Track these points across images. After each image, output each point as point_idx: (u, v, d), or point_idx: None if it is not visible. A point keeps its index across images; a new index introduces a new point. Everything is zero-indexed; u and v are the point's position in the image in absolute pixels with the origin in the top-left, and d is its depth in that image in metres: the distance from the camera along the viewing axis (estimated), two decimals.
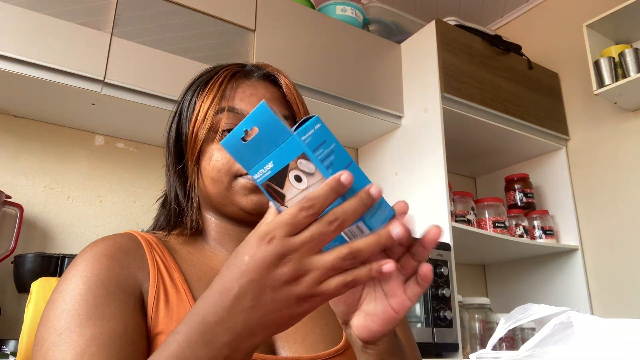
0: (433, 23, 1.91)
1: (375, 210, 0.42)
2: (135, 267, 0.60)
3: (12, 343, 1.21)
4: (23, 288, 1.32)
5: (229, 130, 0.66)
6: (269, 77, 0.73)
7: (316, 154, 0.39)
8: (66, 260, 1.32)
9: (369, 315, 0.48)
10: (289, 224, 0.39)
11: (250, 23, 1.64)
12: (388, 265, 0.40)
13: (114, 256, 0.59)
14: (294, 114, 0.71)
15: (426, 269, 0.44)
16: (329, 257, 0.39)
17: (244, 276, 0.40)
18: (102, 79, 1.35)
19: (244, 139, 0.41)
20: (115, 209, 1.63)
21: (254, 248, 0.40)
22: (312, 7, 1.91)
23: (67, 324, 0.52)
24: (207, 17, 1.57)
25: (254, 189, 0.65)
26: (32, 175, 1.52)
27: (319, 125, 0.40)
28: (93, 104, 1.45)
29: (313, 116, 0.41)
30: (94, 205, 1.60)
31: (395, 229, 0.40)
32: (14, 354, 1.18)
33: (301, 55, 1.73)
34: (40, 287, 0.78)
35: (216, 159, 0.66)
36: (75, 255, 1.33)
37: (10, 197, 1.41)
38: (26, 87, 1.35)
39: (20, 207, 1.41)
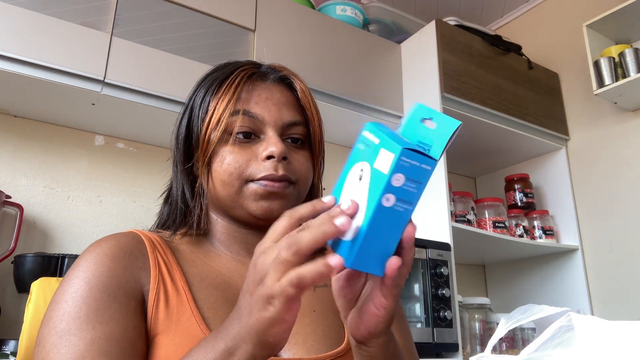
0: (433, 23, 1.91)
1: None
2: (137, 268, 0.60)
3: (12, 343, 1.21)
4: (23, 288, 1.32)
5: (242, 134, 0.65)
6: (285, 81, 0.72)
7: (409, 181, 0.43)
8: (66, 260, 1.32)
9: (359, 312, 0.50)
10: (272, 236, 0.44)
11: (250, 23, 1.64)
12: (334, 258, 0.41)
13: (116, 257, 0.59)
14: (307, 120, 0.70)
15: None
16: (279, 254, 0.41)
17: (243, 285, 0.46)
18: (102, 79, 1.35)
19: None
20: (115, 209, 1.63)
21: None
22: (312, 7, 1.91)
23: (68, 326, 0.53)
24: (207, 17, 1.57)
25: (265, 195, 0.64)
26: (32, 175, 1.52)
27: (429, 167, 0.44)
28: (93, 104, 1.45)
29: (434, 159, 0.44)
30: (94, 205, 1.60)
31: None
32: (14, 354, 1.18)
33: (301, 55, 1.73)
34: (40, 287, 0.78)
35: (228, 162, 0.64)
36: (76, 255, 1.34)
37: (10, 197, 1.41)
38: (26, 87, 1.35)
39: (20, 207, 1.41)
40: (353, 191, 0.45)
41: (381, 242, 0.43)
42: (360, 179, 0.44)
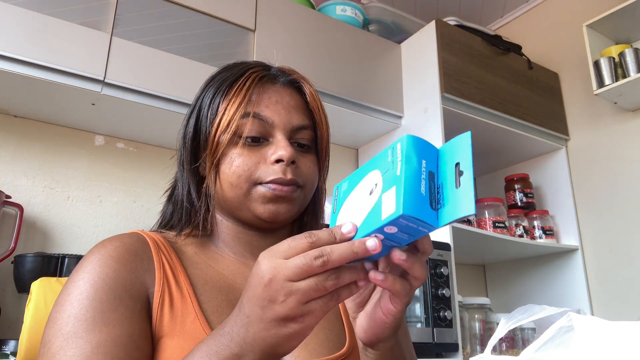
0: (433, 23, 1.91)
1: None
2: (142, 270, 0.60)
3: (12, 343, 1.21)
4: (23, 288, 1.32)
5: (252, 137, 0.65)
6: (294, 84, 0.72)
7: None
8: (66, 260, 1.32)
9: (367, 315, 0.51)
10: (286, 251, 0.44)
11: (250, 23, 1.64)
12: (362, 282, 0.44)
13: (121, 259, 0.59)
14: (315, 123, 0.71)
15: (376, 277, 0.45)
16: (309, 281, 0.42)
17: (247, 291, 0.45)
18: (102, 79, 1.35)
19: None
20: (115, 209, 1.63)
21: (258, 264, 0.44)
22: (312, 7, 1.91)
23: (74, 329, 0.52)
24: (207, 17, 1.57)
25: (272, 198, 0.64)
26: (32, 175, 1.52)
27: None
28: (93, 104, 1.45)
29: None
30: (94, 205, 1.60)
31: (370, 242, 0.42)
32: (14, 354, 1.18)
33: (301, 55, 1.73)
34: (40, 287, 0.78)
35: (237, 164, 0.64)
36: (76, 255, 1.34)
37: (10, 197, 1.41)
38: (26, 87, 1.35)
39: (20, 207, 1.41)
40: (359, 201, 0.45)
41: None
42: (370, 194, 0.44)
